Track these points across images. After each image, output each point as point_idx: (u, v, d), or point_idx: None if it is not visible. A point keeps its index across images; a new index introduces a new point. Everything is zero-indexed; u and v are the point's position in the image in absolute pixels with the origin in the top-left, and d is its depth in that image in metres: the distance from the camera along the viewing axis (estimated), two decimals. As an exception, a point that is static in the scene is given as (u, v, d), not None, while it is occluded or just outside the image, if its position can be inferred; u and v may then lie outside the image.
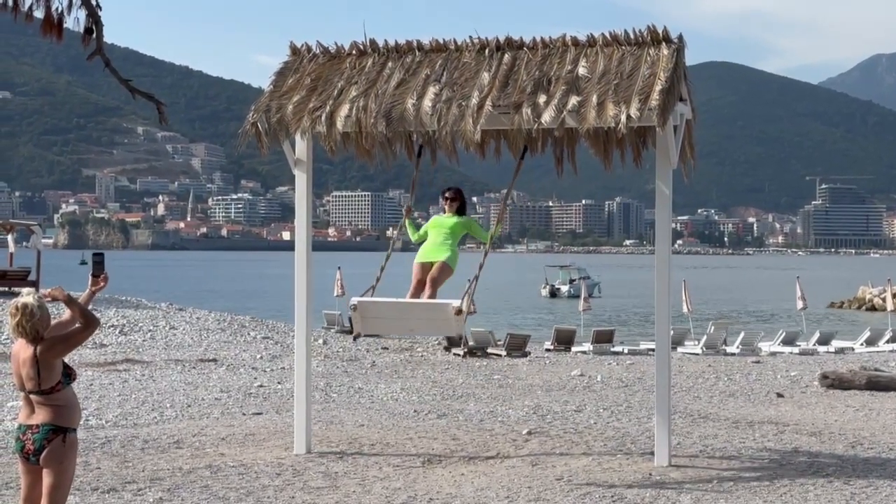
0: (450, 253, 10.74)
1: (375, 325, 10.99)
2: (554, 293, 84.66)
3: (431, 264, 10.72)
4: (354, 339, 10.61)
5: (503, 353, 27.10)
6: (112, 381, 18.60)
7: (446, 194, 11.15)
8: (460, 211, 11.11)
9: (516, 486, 9.77)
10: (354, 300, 10.36)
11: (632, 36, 10.52)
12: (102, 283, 6.92)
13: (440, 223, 10.98)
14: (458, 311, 10.02)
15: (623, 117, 9.76)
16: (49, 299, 6.61)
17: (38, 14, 11.63)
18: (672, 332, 21.06)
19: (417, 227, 11.30)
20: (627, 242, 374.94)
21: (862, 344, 33.52)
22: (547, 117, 9.96)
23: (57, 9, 11.49)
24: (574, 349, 30.19)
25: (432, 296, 10.51)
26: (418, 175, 11.61)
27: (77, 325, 6.56)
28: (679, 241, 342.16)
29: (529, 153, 11.42)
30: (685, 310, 35.82)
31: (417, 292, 10.66)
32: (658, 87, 9.89)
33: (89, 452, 11.25)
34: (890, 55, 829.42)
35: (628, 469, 10.58)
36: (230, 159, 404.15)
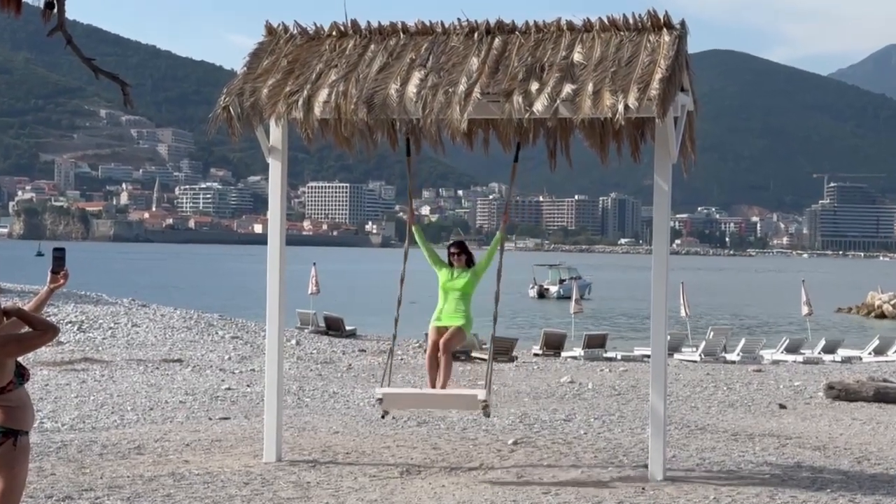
0: (464, 321, 11.07)
1: (401, 406, 12.34)
2: (543, 294, 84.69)
3: (447, 328, 11.08)
4: (383, 417, 11.51)
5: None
6: (69, 382, 18.54)
7: (451, 249, 11.31)
8: (468, 263, 11.27)
9: (500, 500, 9.77)
10: (380, 393, 10.91)
11: (631, 21, 10.53)
12: (62, 281, 6.91)
13: (452, 286, 11.14)
14: (485, 405, 10.62)
15: (620, 107, 9.77)
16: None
17: (-5, -14, 11.57)
18: (669, 338, 21.06)
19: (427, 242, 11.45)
20: (622, 241, 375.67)
21: (870, 353, 33.61)
22: (539, 106, 9.96)
23: (15, -19, 11.43)
24: (564, 354, 30.21)
25: (447, 360, 11.01)
26: (411, 173, 11.63)
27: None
28: (677, 241, 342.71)
29: (520, 145, 11.41)
30: (683, 314, 35.88)
31: (434, 354, 11.06)
32: (658, 76, 9.90)
33: (44, 457, 11.21)
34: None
35: (620, 483, 10.60)
36: (199, 146, 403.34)
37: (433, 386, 11.10)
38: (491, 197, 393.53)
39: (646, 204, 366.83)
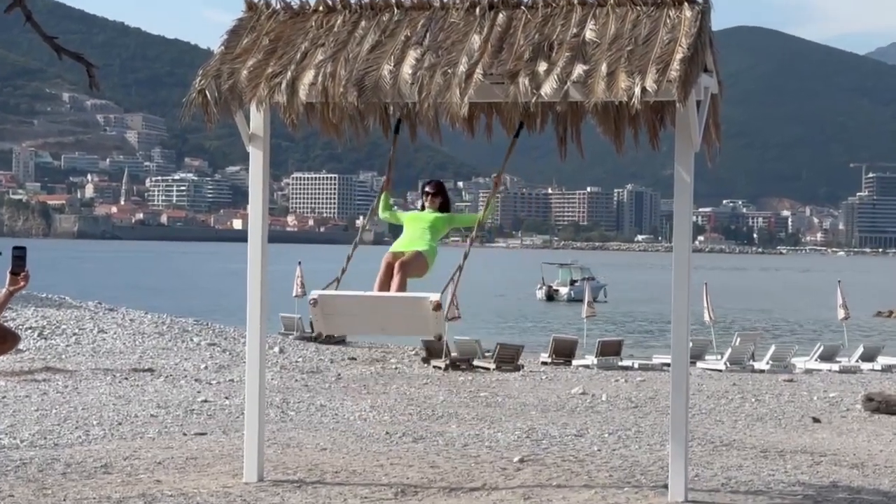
0: (427, 247, 10.76)
1: (340, 324, 11.02)
2: (552, 296, 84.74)
3: (403, 254, 10.72)
4: (315, 339, 10.94)
5: (492, 366, 27.13)
6: (29, 394, 18.53)
7: (426, 188, 11.19)
8: (443, 208, 11.14)
9: (505, 524, 9.78)
10: (315, 293, 10.39)
11: (649, -6, 10.52)
12: (23, 283, 6.91)
13: (418, 217, 11.01)
14: (437, 306, 9.91)
15: (637, 90, 9.76)
16: None
17: (-53, -43, 11.58)
18: (691, 345, 21.05)
19: (393, 207, 11.34)
20: (640, 238, 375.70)
21: (913, 361, 33.66)
22: (548, 89, 9.95)
23: (-31, -49, 11.45)
24: (575, 363, 30.23)
25: (401, 282, 10.48)
26: (395, 155, 11.59)
27: None
28: (700, 238, 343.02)
29: (527, 130, 11.42)
30: (707, 318, 35.89)
31: (386, 280, 10.59)
32: (679, 56, 9.90)
33: (1, 477, 11.21)
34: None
35: (637, 504, 10.61)
36: (172, 133, 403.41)
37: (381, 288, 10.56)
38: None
39: (665, 197, 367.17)
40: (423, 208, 11.19)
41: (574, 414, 18.29)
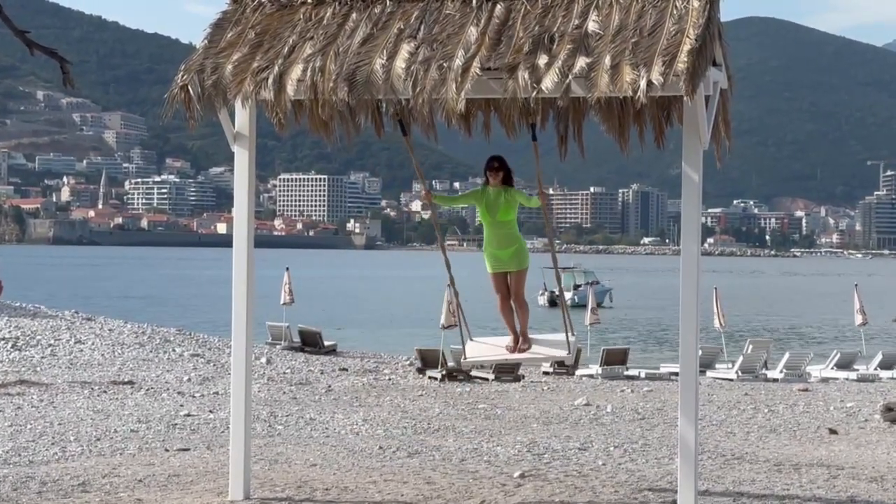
0: (520, 256, 11.95)
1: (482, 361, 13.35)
2: (554, 301, 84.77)
3: (506, 274, 11.93)
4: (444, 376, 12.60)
5: (491, 376, 27.12)
6: (2, 408, 18.52)
7: (491, 164, 11.91)
8: (506, 181, 11.95)
9: (506, 542, 9.78)
10: (464, 361, 12.37)
11: (654, -16, 10.54)
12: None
13: (493, 217, 11.84)
14: (569, 367, 11.97)
15: (642, 84, 9.77)
16: None
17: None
18: (701, 353, 21.04)
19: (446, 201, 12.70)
20: (646, 240, 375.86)
21: (935, 369, 33.68)
22: (548, 83, 9.96)
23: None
24: (579, 372, 30.22)
25: (521, 306, 12.03)
26: (412, 151, 11.82)
27: None
28: (710, 240, 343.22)
29: (535, 126, 11.56)
30: (717, 324, 35.90)
31: (506, 305, 12.02)
32: (686, 48, 9.91)
33: (-27, 496, 11.21)
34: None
35: (645, 522, 10.61)
36: (153, 133, 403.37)
37: (513, 332, 12.01)
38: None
39: (673, 197, 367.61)
40: (486, 183, 11.89)
41: (578, 426, 18.30)
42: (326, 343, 35.07)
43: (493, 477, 12.69)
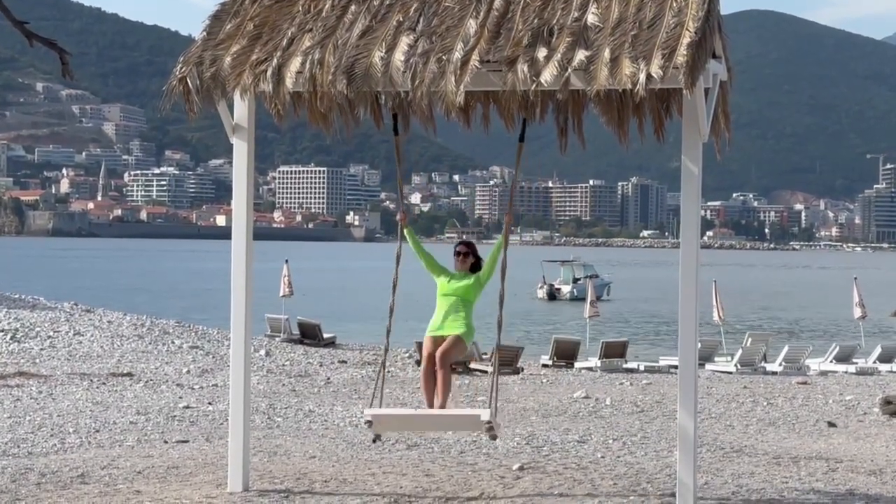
0: (464, 329, 10.99)
1: (394, 428, 12.25)
2: (553, 295, 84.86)
3: (442, 338, 10.99)
4: (374, 441, 12.10)
5: (490, 369, 27.12)
6: (1, 400, 18.52)
7: (458, 248, 11.30)
8: (474, 268, 11.22)
9: (504, 535, 9.78)
10: (369, 414, 10.78)
11: (654, -24, 10.52)
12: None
13: (452, 289, 11.07)
14: (489, 426, 10.49)
15: (642, 77, 9.76)
16: None
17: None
18: (700, 346, 21.04)
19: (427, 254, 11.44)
20: (645, 233, 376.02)
21: (934, 362, 33.68)
22: (548, 76, 9.95)
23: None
24: (577, 365, 30.25)
25: (445, 378, 10.95)
26: (400, 156, 11.59)
27: None
28: (709, 233, 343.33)
29: (527, 120, 11.42)
30: (716, 318, 35.93)
31: (430, 369, 10.99)
32: (686, 40, 9.90)
33: (-28, 488, 11.21)
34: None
35: (643, 514, 10.61)
36: (152, 125, 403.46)
37: (431, 404, 11.02)
38: (492, 182, 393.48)
39: (672, 190, 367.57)
40: (455, 268, 11.21)
41: (576, 419, 18.30)
42: (325, 335, 35.09)
43: (492, 469, 12.69)
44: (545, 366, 29.94)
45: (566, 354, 30.79)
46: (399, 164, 11.68)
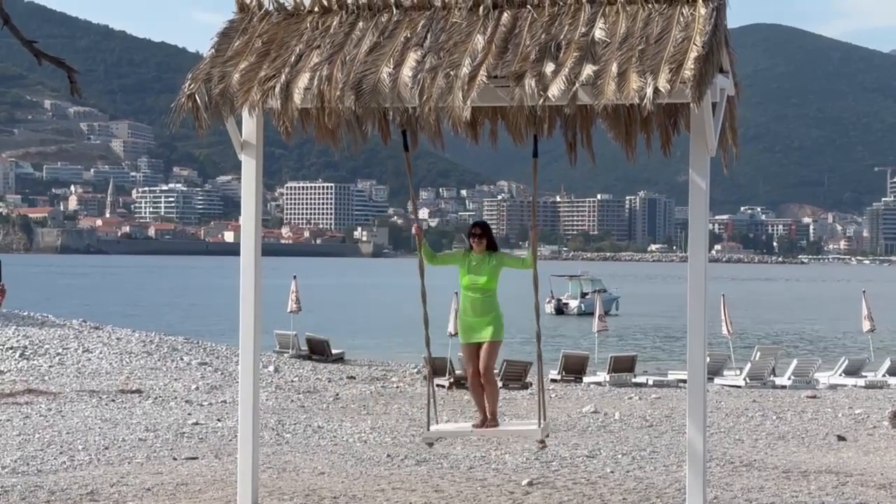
0: (495, 327, 11.28)
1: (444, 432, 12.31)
2: (561, 310, 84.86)
3: (479, 346, 11.27)
4: (430, 446, 12.45)
5: (499, 384, 27.10)
6: (10, 417, 18.53)
7: (473, 230, 11.47)
8: (489, 247, 11.42)
9: (514, 550, 9.76)
10: (431, 437, 11.15)
11: (660, -9, 10.53)
12: (-1, 297, 6.91)
13: (473, 283, 11.28)
14: (542, 444, 11.02)
15: (649, 91, 9.76)
16: None
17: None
18: (708, 360, 21.05)
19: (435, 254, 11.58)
20: (653, 247, 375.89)
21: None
22: (555, 91, 9.95)
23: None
24: (586, 380, 30.23)
25: (490, 383, 11.29)
26: (411, 172, 11.60)
27: None
28: (717, 247, 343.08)
29: (537, 137, 11.44)
30: (725, 331, 35.87)
31: (476, 381, 11.31)
32: (693, 55, 9.90)
33: (-19, 506, 11.22)
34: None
35: (653, 529, 10.59)
36: (160, 141, 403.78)
37: (482, 411, 11.34)
38: (500, 197, 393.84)
39: (680, 204, 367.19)
40: (470, 249, 11.38)
41: (585, 434, 18.28)
42: (334, 351, 35.11)
43: (501, 485, 12.67)
44: (554, 380, 29.91)
45: (574, 369, 30.79)
46: (411, 178, 11.70)
